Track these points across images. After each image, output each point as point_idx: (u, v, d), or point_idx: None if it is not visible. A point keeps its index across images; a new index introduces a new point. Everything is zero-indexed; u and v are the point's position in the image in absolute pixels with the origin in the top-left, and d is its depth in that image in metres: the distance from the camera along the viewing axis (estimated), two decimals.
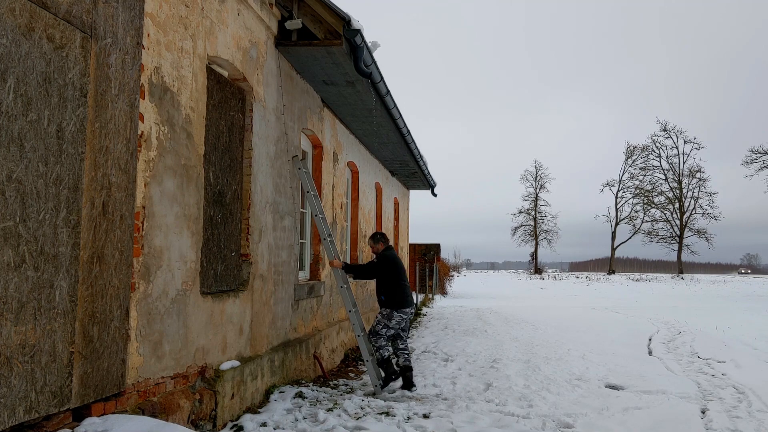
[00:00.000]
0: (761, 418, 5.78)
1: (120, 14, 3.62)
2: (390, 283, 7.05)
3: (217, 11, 4.96)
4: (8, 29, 2.81)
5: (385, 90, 7.77)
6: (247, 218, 5.66)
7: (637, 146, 67.99)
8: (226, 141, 5.36)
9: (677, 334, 13.15)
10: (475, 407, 5.95)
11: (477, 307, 20.61)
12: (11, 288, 2.83)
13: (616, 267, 76.92)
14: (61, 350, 3.15)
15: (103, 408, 3.55)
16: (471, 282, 47.96)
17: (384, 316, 7.01)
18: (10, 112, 2.82)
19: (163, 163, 4.16)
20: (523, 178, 73.23)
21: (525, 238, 72.94)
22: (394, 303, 6.99)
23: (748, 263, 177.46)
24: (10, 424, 2.84)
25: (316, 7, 6.13)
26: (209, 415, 4.74)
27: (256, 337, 5.83)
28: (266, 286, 6.07)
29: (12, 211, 2.84)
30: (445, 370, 8.04)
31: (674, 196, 66.05)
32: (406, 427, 5.17)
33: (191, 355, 4.56)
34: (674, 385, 7.31)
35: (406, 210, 17.64)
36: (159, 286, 4.10)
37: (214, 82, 5.15)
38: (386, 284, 7.06)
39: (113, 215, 3.58)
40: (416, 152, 11.87)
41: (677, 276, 61.67)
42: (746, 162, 50.07)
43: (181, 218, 4.38)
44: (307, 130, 7.68)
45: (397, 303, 6.98)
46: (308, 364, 7.27)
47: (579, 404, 6.20)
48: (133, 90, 3.77)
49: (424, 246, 27.39)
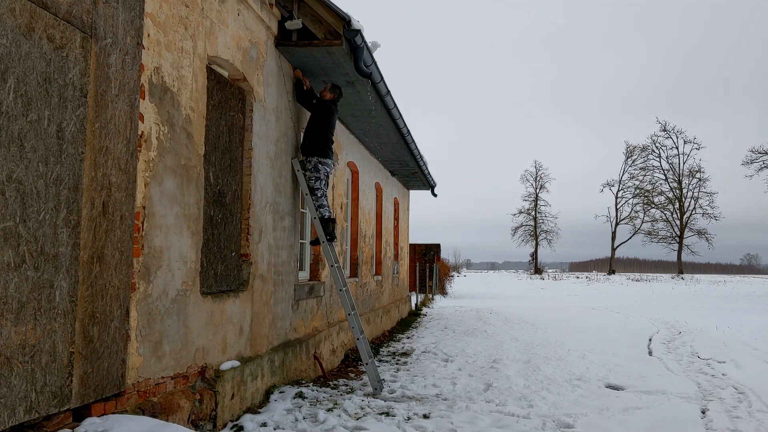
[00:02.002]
0: (761, 418, 5.78)
1: (120, 14, 3.62)
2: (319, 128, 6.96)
3: (217, 11, 4.96)
4: (8, 29, 2.81)
5: (385, 90, 7.77)
6: (247, 218, 5.66)
7: (636, 146, 67.99)
8: (226, 141, 5.36)
9: (677, 334, 13.15)
10: (475, 407, 5.95)
11: (477, 308, 20.61)
12: (11, 288, 2.83)
13: (616, 267, 76.89)
14: (61, 350, 3.15)
15: (103, 408, 3.55)
16: (471, 282, 47.96)
17: (312, 169, 6.96)
18: (11, 112, 2.82)
19: (163, 163, 4.16)
20: (523, 178, 73.27)
21: (525, 238, 72.93)
22: (317, 150, 6.93)
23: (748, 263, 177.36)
24: (10, 424, 2.84)
25: (316, 7, 6.13)
26: (209, 415, 4.74)
27: (256, 337, 5.83)
28: (266, 286, 6.07)
29: (12, 211, 2.84)
30: (445, 370, 8.04)
31: (674, 196, 66.04)
32: (406, 427, 5.17)
33: (191, 355, 4.56)
34: (674, 385, 7.32)
35: (406, 210, 17.64)
36: (159, 286, 4.10)
37: (214, 82, 5.15)
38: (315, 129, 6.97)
39: (113, 215, 3.58)
40: (416, 152, 11.87)
41: (677, 276, 61.65)
42: (746, 162, 50.11)
43: (181, 218, 4.38)
44: None
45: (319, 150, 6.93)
46: (308, 364, 7.28)
47: (579, 404, 6.20)
48: (133, 90, 3.77)
49: (424, 246, 27.38)
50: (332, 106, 7.12)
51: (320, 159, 6.99)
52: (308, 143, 6.97)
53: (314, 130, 6.98)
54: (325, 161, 7.02)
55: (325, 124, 7.03)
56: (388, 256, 14.08)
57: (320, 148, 6.98)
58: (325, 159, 7.02)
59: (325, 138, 7.02)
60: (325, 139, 7.02)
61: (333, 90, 7.18)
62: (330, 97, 7.14)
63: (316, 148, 6.96)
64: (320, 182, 7.01)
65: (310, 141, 6.97)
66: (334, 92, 7.18)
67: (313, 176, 6.99)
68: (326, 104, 7.07)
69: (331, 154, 7.11)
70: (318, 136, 6.98)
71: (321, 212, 7.01)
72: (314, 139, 6.97)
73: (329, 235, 7.07)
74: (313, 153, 6.97)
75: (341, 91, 7.28)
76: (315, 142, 6.96)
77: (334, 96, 7.17)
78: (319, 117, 6.99)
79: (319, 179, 7.00)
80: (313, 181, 6.99)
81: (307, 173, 7.01)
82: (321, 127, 6.99)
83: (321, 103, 7.06)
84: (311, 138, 6.97)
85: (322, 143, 6.99)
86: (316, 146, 6.96)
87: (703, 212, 64.29)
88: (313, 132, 6.98)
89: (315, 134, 6.98)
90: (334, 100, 7.18)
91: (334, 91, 7.18)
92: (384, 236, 13.60)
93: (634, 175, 68.46)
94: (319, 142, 6.98)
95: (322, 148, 6.99)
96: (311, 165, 6.99)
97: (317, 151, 6.96)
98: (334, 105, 7.17)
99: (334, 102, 7.18)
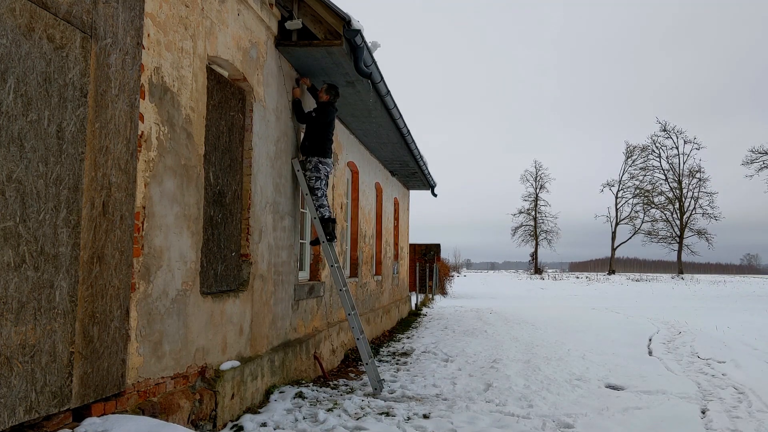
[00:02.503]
0: (761, 418, 5.78)
1: (120, 14, 3.62)
2: (320, 131, 7.02)
3: (217, 11, 4.96)
4: (8, 29, 2.81)
5: (385, 90, 7.77)
6: (247, 218, 5.66)
7: (636, 146, 67.97)
8: (226, 141, 5.36)
9: (677, 334, 13.15)
10: (475, 407, 5.95)
11: (477, 308, 20.61)
12: (11, 288, 2.83)
13: (616, 267, 76.87)
14: (61, 350, 3.15)
15: (103, 408, 3.55)
16: (471, 282, 47.96)
17: (312, 169, 7.01)
18: (10, 112, 2.82)
19: (163, 163, 4.16)
20: (523, 178, 73.25)
21: (525, 238, 72.90)
22: (317, 150, 6.99)
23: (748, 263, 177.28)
24: (10, 424, 2.84)
25: (316, 7, 6.13)
26: (209, 415, 4.74)
27: (256, 337, 5.83)
28: (266, 286, 6.07)
29: (12, 211, 2.84)
30: (445, 370, 8.04)
31: (674, 196, 66.02)
32: (406, 427, 5.17)
33: (191, 355, 4.56)
34: (674, 385, 7.32)
35: (406, 210, 17.64)
36: (159, 286, 4.10)
37: (214, 82, 5.15)
38: (315, 132, 7.02)
39: (113, 215, 3.58)
40: (416, 152, 11.87)
41: (677, 276, 61.63)
42: (746, 162, 50.10)
43: (181, 218, 4.38)
44: None
45: (319, 150, 6.99)
46: (308, 364, 7.28)
47: (579, 404, 6.20)
48: (133, 90, 3.77)
49: (424, 246, 27.38)
50: (330, 107, 7.15)
51: (320, 159, 7.02)
52: (308, 143, 7.01)
53: (314, 131, 7.02)
54: (325, 161, 7.05)
55: (325, 124, 7.07)
56: (388, 256, 14.08)
57: (320, 147, 7.01)
58: (325, 159, 7.05)
59: (324, 138, 7.06)
60: (324, 140, 7.06)
61: (329, 91, 7.19)
62: (326, 98, 7.17)
63: (316, 148, 6.99)
64: (320, 182, 7.03)
65: (309, 141, 7.00)
66: (330, 93, 7.20)
67: (313, 176, 7.02)
68: (324, 106, 7.12)
69: (330, 153, 7.14)
70: (318, 137, 7.01)
71: (321, 212, 7.02)
72: (314, 140, 7.00)
73: (329, 235, 7.08)
74: (313, 153, 7.00)
75: (338, 90, 7.29)
76: (315, 142, 7.00)
77: (330, 97, 7.19)
78: (318, 118, 7.04)
79: (320, 179, 7.03)
80: (314, 180, 7.01)
81: (308, 173, 7.03)
82: (321, 127, 7.03)
83: (319, 106, 7.12)
84: (311, 138, 7.00)
85: (321, 143, 7.03)
86: (316, 146, 6.99)
87: (703, 212, 64.30)
88: (313, 132, 7.02)
89: (315, 134, 7.01)
90: (331, 101, 7.20)
91: (330, 92, 7.20)
92: (384, 236, 13.60)
93: (634, 175, 68.47)
94: (319, 142, 7.01)
95: (322, 147, 7.03)
96: (311, 165, 7.01)
97: (317, 151, 7.00)
98: (331, 106, 7.19)
99: (331, 103, 7.20)
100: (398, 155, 12.14)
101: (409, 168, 13.73)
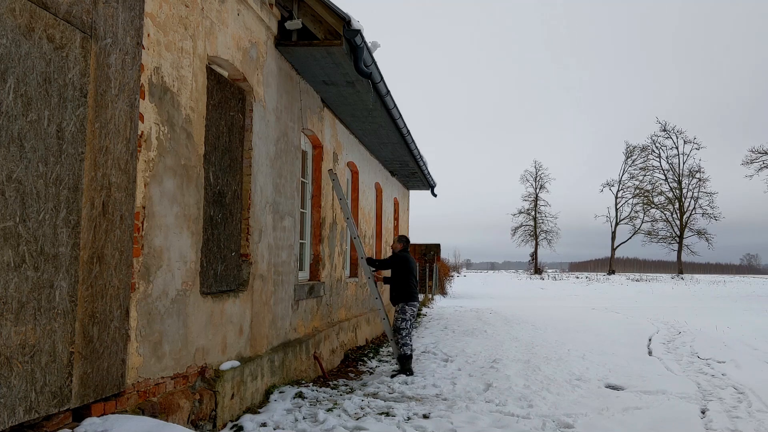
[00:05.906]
0: (761, 418, 5.78)
1: (120, 14, 3.62)
2: (400, 278, 8.12)
3: (217, 11, 4.96)
4: (8, 29, 2.81)
5: (385, 90, 7.77)
6: (247, 218, 5.66)
7: (636, 146, 67.94)
8: (226, 141, 5.36)
9: (677, 334, 13.15)
10: (475, 407, 5.95)
11: (477, 308, 20.61)
12: (11, 288, 2.83)
13: (616, 267, 76.86)
14: (61, 350, 3.15)
15: (103, 408, 3.55)
16: (471, 282, 47.94)
17: (399, 311, 8.06)
18: (10, 112, 2.82)
19: (163, 163, 4.16)
20: (523, 178, 73.21)
21: (525, 238, 72.83)
22: (403, 297, 8.05)
23: (748, 263, 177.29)
24: (10, 424, 2.84)
25: (316, 7, 6.12)
26: (209, 415, 4.74)
27: (256, 337, 5.83)
28: (266, 286, 6.07)
29: (12, 211, 2.84)
30: (445, 370, 8.04)
31: (674, 196, 65.99)
32: (406, 427, 5.17)
33: (191, 355, 4.56)
34: (674, 385, 7.32)
35: (406, 210, 17.64)
36: (159, 286, 4.10)
37: (214, 82, 5.15)
38: (397, 279, 8.15)
39: (113, 215, 3.58)
40: (416, 152, 11.87)
41: (677, 276, 61.61)
42: (746, 162, 50.09)
43: (181, 218, 4.38)
44: (307, 130, 7.69)
45: (406, 296, 8.06)
46: (308, 364, 7.28)
47: (579, 404, 6.20)
48: (133, 90, 3.77)
49: (424, 246, 27.34)
50: (405, 254, 8.34)
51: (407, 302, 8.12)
52: (395, 294, 8.16)
53: (398, 278, 8.15)
54: (412, 304, 8.14)
55: (407, 271, 8.16)
56: (388, 255, 14.07)
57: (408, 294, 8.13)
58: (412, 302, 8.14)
59: (408, 283, 8.14)
60: (408, 284, 8.14)
61: (401, 240, 8.48)
62: (400, 247, 8.40)
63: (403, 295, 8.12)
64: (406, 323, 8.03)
65: (396, 292, 8.15)
66: (402, 241, 8.47)
67: (399, 317, 8.03)
68: (399, 256, 8.30)
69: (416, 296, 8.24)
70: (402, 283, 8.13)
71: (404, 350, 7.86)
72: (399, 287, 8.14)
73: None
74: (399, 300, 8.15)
75: (408, 238, 8.66)
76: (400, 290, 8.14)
77: (403, 246, 8.44)
78: (398, 268, 8.20)
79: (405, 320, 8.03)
80: (399, 321, 8.02)
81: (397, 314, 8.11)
82: (403, 274, 8.14)
83: (395, 257, 8.35)
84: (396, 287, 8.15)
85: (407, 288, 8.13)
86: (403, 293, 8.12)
87: (703, 212, 64.28)
88: (397, 280, 8.15)
89: (399, 282, 8.13)
90: (404, 248, 8.42)
91: (401, 241, 8.48)
92: (384, 236, 13.60)
93: (634, 175, 68.44)
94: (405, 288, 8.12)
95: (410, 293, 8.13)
96: (399, 307, 8.12)
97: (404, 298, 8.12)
98: (405, 252, 8.40)
99: (404, 250, 8.42)
100: (398, 155, 12.14)
101: (408, 168, 13.72)
